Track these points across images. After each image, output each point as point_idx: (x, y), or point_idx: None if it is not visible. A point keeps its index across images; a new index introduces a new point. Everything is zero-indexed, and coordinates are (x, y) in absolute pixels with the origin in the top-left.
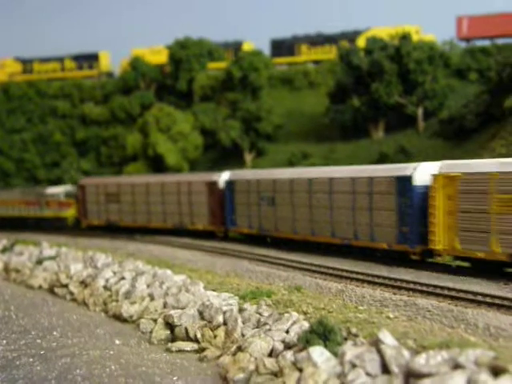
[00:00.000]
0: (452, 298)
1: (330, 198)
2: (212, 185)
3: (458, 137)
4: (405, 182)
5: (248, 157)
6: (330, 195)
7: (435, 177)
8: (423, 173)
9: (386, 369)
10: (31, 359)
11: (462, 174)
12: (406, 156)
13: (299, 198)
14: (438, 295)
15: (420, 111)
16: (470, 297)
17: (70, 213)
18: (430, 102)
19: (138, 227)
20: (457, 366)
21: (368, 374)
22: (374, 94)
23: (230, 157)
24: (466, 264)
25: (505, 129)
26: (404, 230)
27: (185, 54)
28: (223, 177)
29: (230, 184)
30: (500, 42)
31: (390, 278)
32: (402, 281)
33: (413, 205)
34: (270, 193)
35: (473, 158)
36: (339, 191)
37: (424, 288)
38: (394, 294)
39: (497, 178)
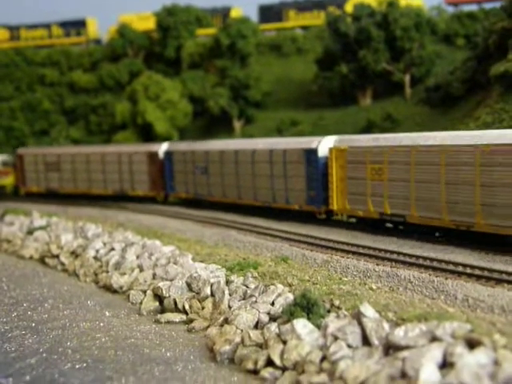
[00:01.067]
0: (433, 268)
1: (253, 167)
2: (152, 155)
3: (444, 104)
4: (311, 153)
5: (237, 124)
6: (252, 164)
7: (331, 149)
8: (325, 145)
9: (366, 341)
10: (23, 332)
11: (348, 148)
12: (393, 123)
13: (228, 167)
14: (419, 266)
15: (407, 78)
16: (451, 267)
17: (8, 181)
18: (417, 69)
19: (78, 194)
20: (434, 339)
21: (349, 346)
22: (362, 61)
23: (219, 124)
24: (353, 220)
25: (490, 96)
26: (311, 193)
27: (172, 20)
28: (163, 148)
29: (169, 154)
30: (488, 6)
31: (374, 249)
32: (385, 251)
33: (318, 173)
34: (203, 162)
35: (459, 126)
36: (260, 161)
37: (407, 258)
38: (378, 264)
39: (370, 150)
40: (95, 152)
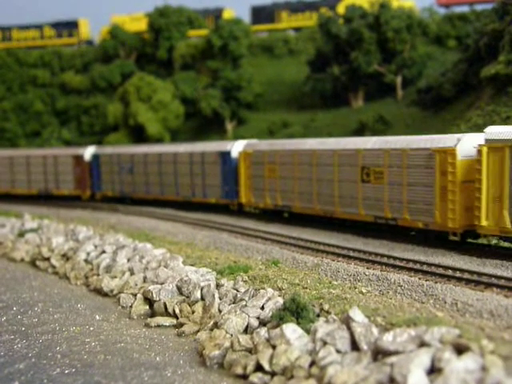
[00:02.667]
0: (423, 272)
1: (175, 167)
2: (78, 158)
3: (435, 106)
4: (226, 155)
5: (229, 126)
6: (174, 165)
7: (240, 153)
8: (237, 149)
9: (355, 346)
10: (12, 336)
11: (252, 151)
12: (385, 125)
13: (152, 168)
14: (409, 269)
15: (399, 80)
16: (441, 271)
17: None
18: (409, 71)
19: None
20: (422, 344)
21: (338, 352)
22: (354, 62)
23: (211, 126)
24: (257, 211)
25: (481, 98)
26: (226, 189)
27: (164, 22)
28: (89, 151)
29: (96, 157)
30: (479, 7)
31: (365, 252)
32: (376, 254)
33: (231, 171)
34: (129, 164)
35: (450, 127)
36: (181, 162)
37: (397, 262)
38: (368, 268)
39: (267, 153)
40: (19, 155)
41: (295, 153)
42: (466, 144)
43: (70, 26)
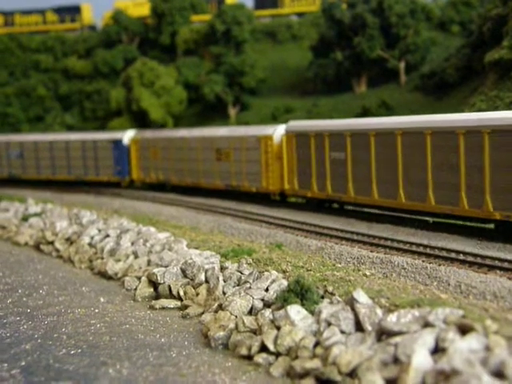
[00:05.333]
0: (427, 255)
1: (67, 152)
2: None
3: (439, 91)
4: (118, 142)
5: (232, 111)
6: (67, 151)
7: (131, 139)
8: (128, 136)
9: (359, 327)
10: (18, 318)
11: (140, 138)
12: (388, 110)
13: (43, 153)
14: (413, 252)
15: (402, 65)
16: (444, 254)
17: None
18: (412, 56)
19: None
20: (426, 325)
21: (342, 332)
22: (357, 47)
23: (214, 111)
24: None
25: (485, 84)
26: (118, 168)
27: (167, 7)
28: None
29: None
30: None
31: (369, 235)
32: (379, 238)
33: (123, 154)
34: (18, 150)
35: (454, 112)
36: (74, 148)
37: (401, 245)
38: (372, 251)
39: (151, 140)
40: None
41: (171, 139)
42: (280, 132)
43: (73, 11)
